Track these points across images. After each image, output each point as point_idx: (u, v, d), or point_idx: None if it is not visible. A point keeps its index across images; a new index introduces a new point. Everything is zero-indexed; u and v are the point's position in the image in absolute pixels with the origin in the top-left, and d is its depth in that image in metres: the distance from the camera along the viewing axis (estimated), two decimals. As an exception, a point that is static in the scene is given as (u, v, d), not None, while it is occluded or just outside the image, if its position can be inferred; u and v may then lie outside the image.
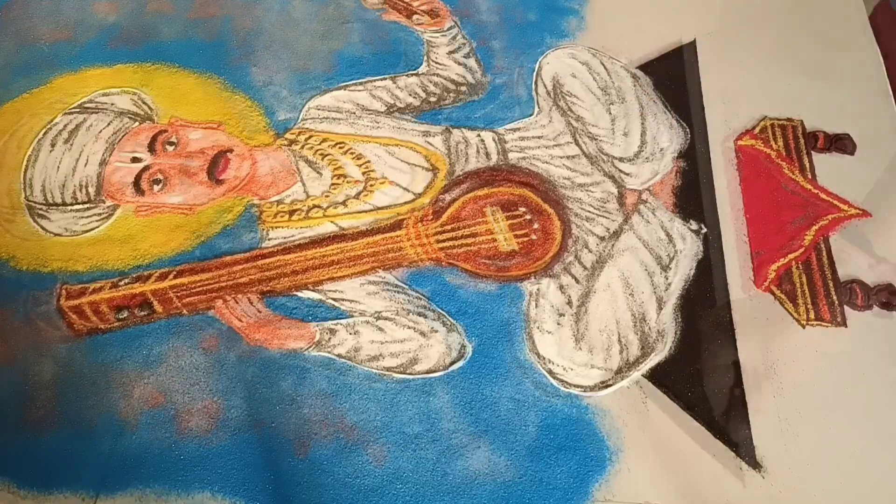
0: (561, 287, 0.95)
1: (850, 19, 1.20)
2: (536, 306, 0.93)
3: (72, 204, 1.00)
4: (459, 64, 1.13)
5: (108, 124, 1.05)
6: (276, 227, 0.98)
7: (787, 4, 1.22)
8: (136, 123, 1.05)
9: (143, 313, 0.92)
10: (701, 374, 0.89)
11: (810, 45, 1.17)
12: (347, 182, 1.02)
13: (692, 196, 1.02)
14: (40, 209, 0.99)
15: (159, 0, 1.19)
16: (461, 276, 0.95)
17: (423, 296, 0.94)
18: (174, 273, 0.94)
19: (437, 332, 0.91)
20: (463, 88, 1.11)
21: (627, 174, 1.03)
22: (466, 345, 0.91)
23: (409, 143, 1.05)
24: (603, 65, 1.13)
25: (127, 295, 0.93)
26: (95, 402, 0.86)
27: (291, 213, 1.00)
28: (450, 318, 0.92)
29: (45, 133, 1.05)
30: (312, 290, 0.94)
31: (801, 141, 1.07)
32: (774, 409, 0.86)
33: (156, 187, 1.00)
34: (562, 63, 1.13)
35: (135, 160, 1.02)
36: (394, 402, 0.87)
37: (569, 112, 1.08)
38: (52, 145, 1.03)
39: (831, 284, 0.95)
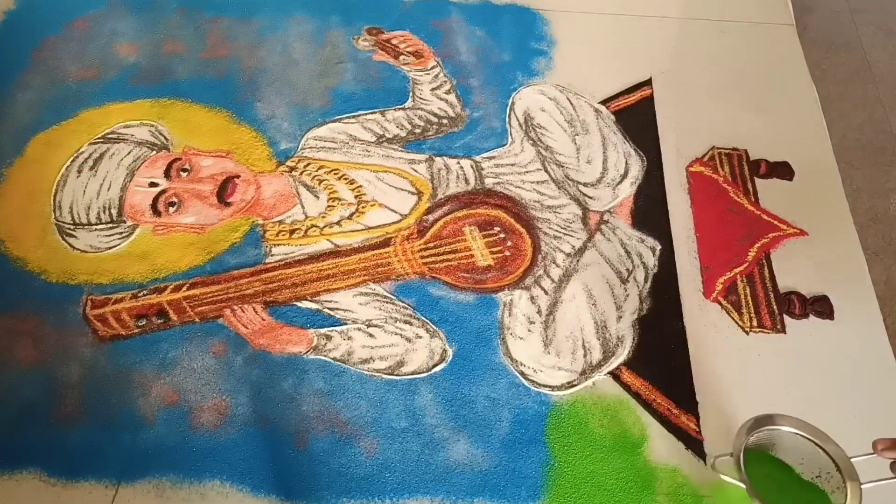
0: (531, 298, 1.01)
1: (789, 60, 1.29)
2: (509, 315, 0.99)
3: (96, 224, 1.06)
4: (441, 99, 1.19)
5: (129, 153, 1.12)
6: (278, 245, 1.05)
7: (732, 46, 1.30)
8: (154, 152, 1.12)
9: (159, 321, 0.98)
10: (656, 376, 0.95)
11: (754, 83, 1.25)
12: (341, 204, 1.08)
13: (648, 217, 1.09)
14: (68, 229, 1.06)
15: (174, 42, 1.26)
16: (443, 288, 1.02)
17: (409, 305, 1.00)
18: (187, 285, 1.00)
19: (421, 337, 0.97)
20: (444, 121, 1.17)
21: (591, 197, 1.10)
22: (447, 349, 0.96)
23: (396, 170, 1.11)
24: (569, 100, 1.20)
25: (145, 305, 0.99)
26: (117, 400, 0.92)
27: (292, 232, 1.06)
28: (433, 326, 0.98)
29: (72, 161, 1.11)
30: (310, 301, 1.00)
31: (746, 168, 1.14)
32: (720, 406, 0.92)
33: (171, 209, 1.07)
34: (532, 98, 1.20)
35: (152, 185, 1.09)
36: (383, 401, 0.92)
37: (538, 142, 1.15)
38: (79, 171, 1.10)
39: (772, 295, 1.02)
